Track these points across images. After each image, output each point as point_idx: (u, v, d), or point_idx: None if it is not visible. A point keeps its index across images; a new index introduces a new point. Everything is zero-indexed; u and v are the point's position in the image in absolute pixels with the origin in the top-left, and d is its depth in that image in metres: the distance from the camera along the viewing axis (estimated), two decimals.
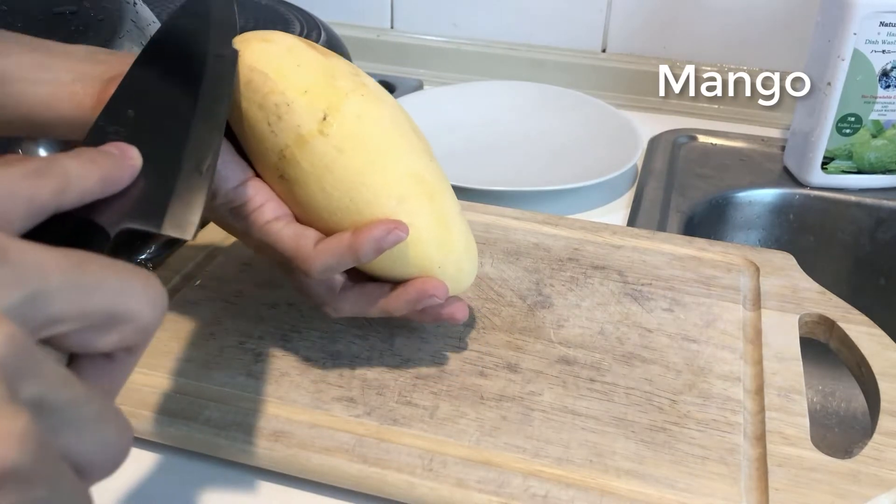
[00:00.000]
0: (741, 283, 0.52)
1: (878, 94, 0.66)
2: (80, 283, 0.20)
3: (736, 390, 0.43)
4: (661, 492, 0.37)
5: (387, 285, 0.40)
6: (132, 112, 0.33)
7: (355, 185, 0.37)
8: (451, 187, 0.41)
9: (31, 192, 0.24)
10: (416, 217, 0.38)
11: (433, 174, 0.40)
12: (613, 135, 0.77)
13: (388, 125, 0.39)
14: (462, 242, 0.41)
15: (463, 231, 0.41)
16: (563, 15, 0.90)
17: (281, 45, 0.39)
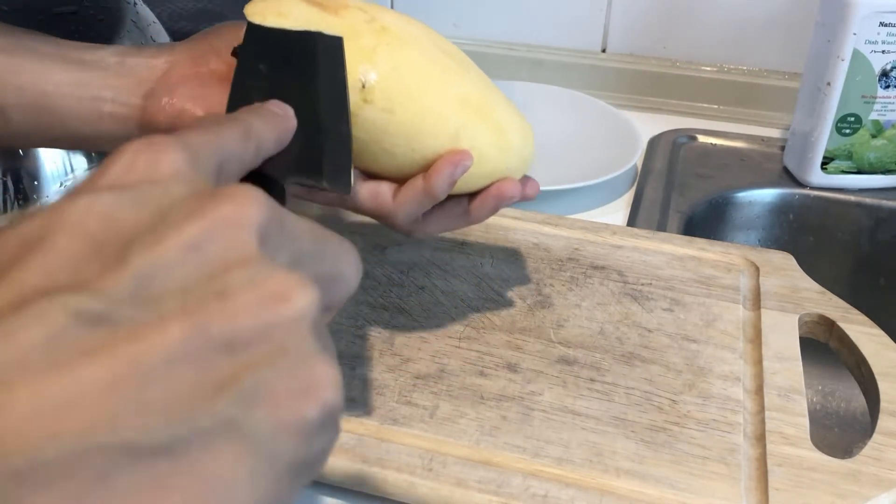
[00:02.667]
0: (741, 283, 0.52)
1: (878, 94, 0.66)
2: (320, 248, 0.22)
3: (736, 390, 0.43)
4: (661, 492, 0.37)
5: (464, 198, 0.41)
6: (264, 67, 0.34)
7: (413, 136, 0.38)
8: (490, 83, 0.42)
9: (241, 153, 0.25)
10: (475, 139, 0.39)
11: (475, 86, 0.40)
12: (613, 135, 0.77)
13: (423, 63, 0.39)
14: (518, 136, 0.41)
15: (515, 124, 0.42)
16: (563, 15, 0.90)
17: (298, 19, 0.38)
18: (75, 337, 0.16)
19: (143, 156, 0.21)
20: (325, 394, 0.18)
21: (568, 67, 0.90)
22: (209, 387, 0.17)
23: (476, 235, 0.57)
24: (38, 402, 0.15)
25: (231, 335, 0.17)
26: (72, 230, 0.18)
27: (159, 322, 0.17)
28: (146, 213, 0.19)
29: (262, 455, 0.17)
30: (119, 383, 0.16)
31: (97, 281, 0.17)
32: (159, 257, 0.18)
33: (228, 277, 0.18)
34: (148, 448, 0.16)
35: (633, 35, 0.89)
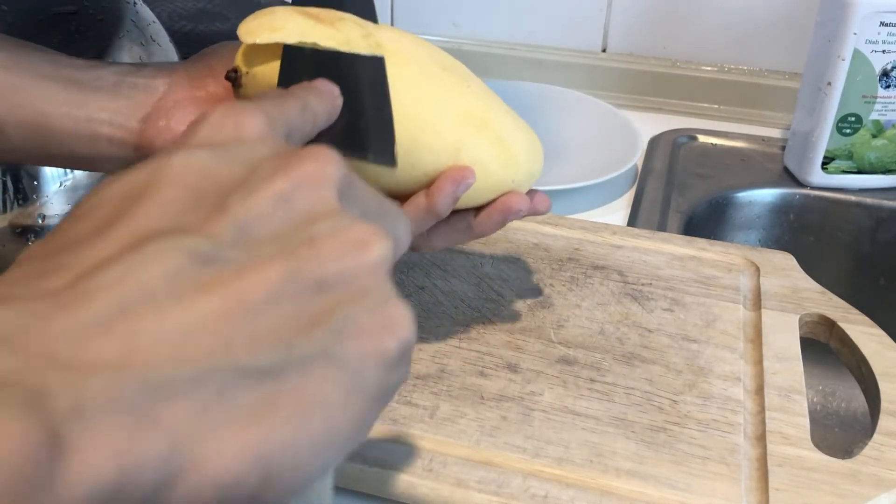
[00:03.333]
0: (741, 283, 0.52)
1: (878, 94, 0.66)
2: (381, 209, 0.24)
3: (736, 390, 0.43)
4: (662, 492, 0.37)
5: (469, 212, 0.41)
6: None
7: (412, 152, 0.38)
8: (491, 94, 0.41)
9: (302, 125, 0.27)
10: (476, 153, 0.39)
11: (476, 101, 0.40)
12: (613, 135, 0.77)
13: (420, 79, 0.38)
14: (523, 149, 0.41)
15: (519, 137, 0.41)
16: (563, 15, 0.90)
17: (291, 33, 0.37)
18: (190, 274, 0.18)
19: (230, 118, 0.23)
20: (403, 330, 0.20)
21: (568, 67, 0.90)
22: (305, 321, 0.19)
23: None
24: (164, 329, 0.17)
25: (321, 277, 0.20)
26: (173, 182, 0.20)
27: (260, 264, 0.19)
28: (237, 168, 0.21)
29: (352, 381, 0.19)
30: (231, 315, 0.18)
31: (203, 226, 0.19)
32: (254, 207, 0.20)
33: (315, 227, 0.20)
34: (257, 371, 0.18)
35: (633, 35, 0.89)
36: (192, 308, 0.18)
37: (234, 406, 0.17)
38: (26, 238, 0.52)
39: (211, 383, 0.17)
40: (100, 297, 0.17)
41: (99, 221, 0.20)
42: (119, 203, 0.20)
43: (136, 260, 0.18)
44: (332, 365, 0.19)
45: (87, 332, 0.17)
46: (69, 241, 0.19)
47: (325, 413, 0.18)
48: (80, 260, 0.18)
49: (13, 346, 0.16)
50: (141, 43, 0.57)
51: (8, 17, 0.54)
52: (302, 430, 0.18)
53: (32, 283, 0.18)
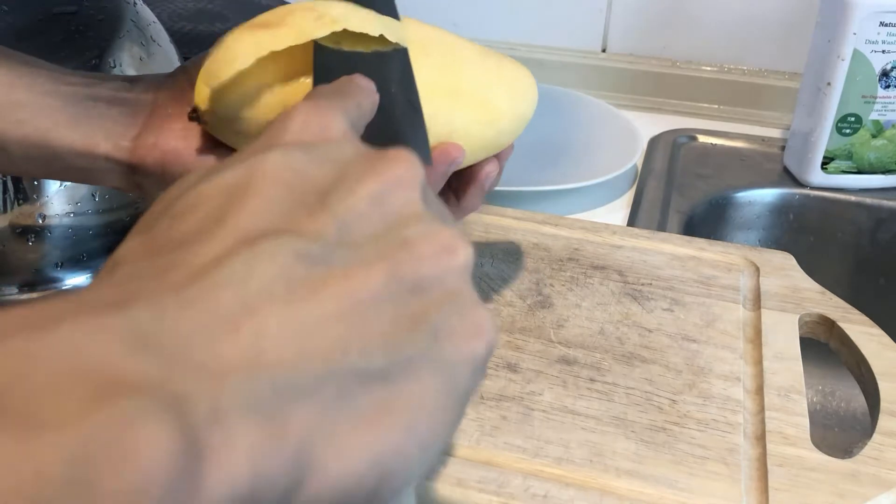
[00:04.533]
0: (741, 283, 0.52)
1: (878, 94, 0.66)
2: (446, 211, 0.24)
3: (736, 390, 0.43)
4: (661, 492, 0.37)
5: (450, 195, 0.41)
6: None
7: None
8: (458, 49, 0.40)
9: (358, 122, 0.27)
10: (452, 123, 0.38)
11: (435, 69, 0.38)
12: (613, 135, 0.77)
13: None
14: (505, 98, 0.40)
15: (498, 85, 0.40)
16: (563, 15, 0.90)
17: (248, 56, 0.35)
18: (302, 274, 0.18)
19: (315, 118, 0.23)
20: (490, 333, 0.21)
21: (568, 67, 0.90)
22: (406, 322, 0.19)
23: (476, 235, 0.57)
24: (286, 329, 0.17)
25: (417, 279, 0.20)
26: (273, 180, 0.20)
27: (365, 265, 0.19)
28: (329, 168, 0.21)
29: (450, 383, 0.20)
30: (343, 316, 0.18)
31: (308, 226, 0.19)
32: (352, 207, 0.20)
33: (407, 229, 0.21)
34: (370, 373, 0.18)
35: (633, 35, 0.89)
36: (308, 308, 0.18)
37: (353, 408, 0.18)
38: (26, 238, 0.52)
39: (331, 385, 0.17)
40: (221, 296, 0.17)
41: (204, 218, 0.19)
42: (221, 200, 0.20)
43: (252, 258, 0.18)
44: (432, 367, 0.19)
45: (216, 330, 0.17)
46: (176, 238, 0.19)
47: (429, 415, 0.19)
48: (194, 257, 0.18)
49: (150, 348, 0.16)
50: (141, 43, 0.57)
51: (8, 17, 0.54)
52: (412, 432, 0.18)
53: (152, 280, 0.18)
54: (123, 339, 0.16)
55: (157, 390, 0.15)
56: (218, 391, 0.16)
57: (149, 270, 0.18)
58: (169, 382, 0.15)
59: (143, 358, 0.16)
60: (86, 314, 0.16)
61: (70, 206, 0.52)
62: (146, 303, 0.17)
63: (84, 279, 0.53)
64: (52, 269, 0.53)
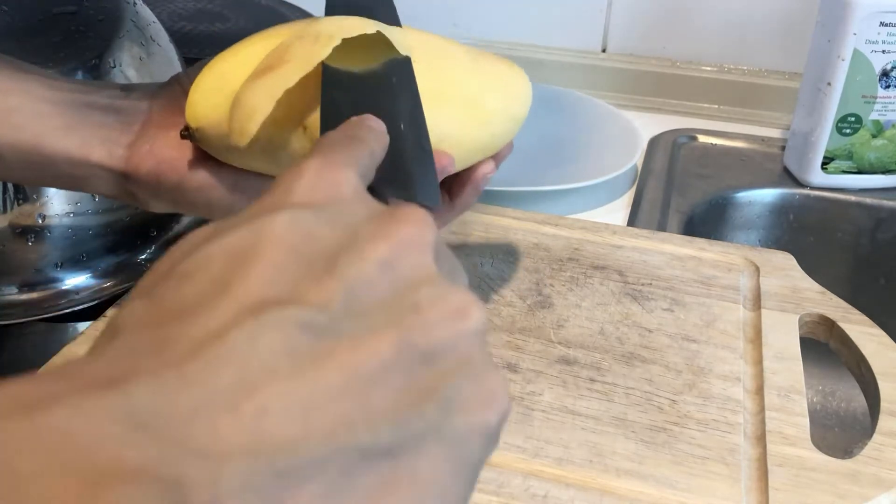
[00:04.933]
0: (741, 283, 0.52)
1: (878, 94, 0.66)
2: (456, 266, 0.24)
3: (736, 390, 0.43)
4: (661, 492, 0.37)
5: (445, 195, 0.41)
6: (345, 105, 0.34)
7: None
8: (443, 52, 0.39)
9: (369, 169, 0.26)
10: (441, 130, 0.37)
11: (427, 73, 0.38)
12: (613, 135, 0.77)
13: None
14: (497, 99, 0.40)
15: (489, 90, 0.40)
16: (563, 15, 0.90)
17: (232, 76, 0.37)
18: (306, 347, 0.18)
19: (326, 176, 0.23)
20: (502, 402, 0.20)
21: (568, 67, 0.90)
22: (416, 395, 0.19)
23: (476, 235, 0.57)
24: (288, 407, 0.17)
25: (428, 347, 0.19)
26: (279, 244, 0.20)
27: (373, 334, 0.19)
28: (339, 230, 0.21)
29: (460, 457, 0.19)
30: (349, 390, 0.18)
31: (314, 294, 0.19)
32: (361, 273, 0.20)
33: (418, 294, 0.20)
34: (377, 450, 0.17)
35: (633, 35, 0.89)
36: (311, 383, 0.17)
37: (358, 488, 0.17)
38: (26, 238, 0.52)
39: (334, 465, 0.17)
40: (222, 372, 0.17)
41: (207, 285, 0.19)
42: (226, 265, 0.19)
43: (254, 331, 0.17)
44: (442, 442, 0.19)
45: (216, 411, 0.16)
46: (178, 306, 0.19)
47: (438, 491, 0.18)
48: (195, 330, 0.18)
49: (149, 430, 0.15)
50: (141, 43, 0.57)
51: (8, 17, 0.54)
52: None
53: (151, 355, 0.17)
54: (120, 421, 0.15)
55: (155, 476, 0.15)
56: (217, 476, 0.15)
57: (149, 343, 0.18)
58: (167, 467, 0.15)
59: (140, 441, 0.15)
60: (81, 394, 0.15)
61: (70, 206, 0.52)
62: (145, 381, 0.16)
63: (84, 279, 0.53)
64: (52, 269, 0.53)
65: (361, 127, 0.28)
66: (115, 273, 0.54)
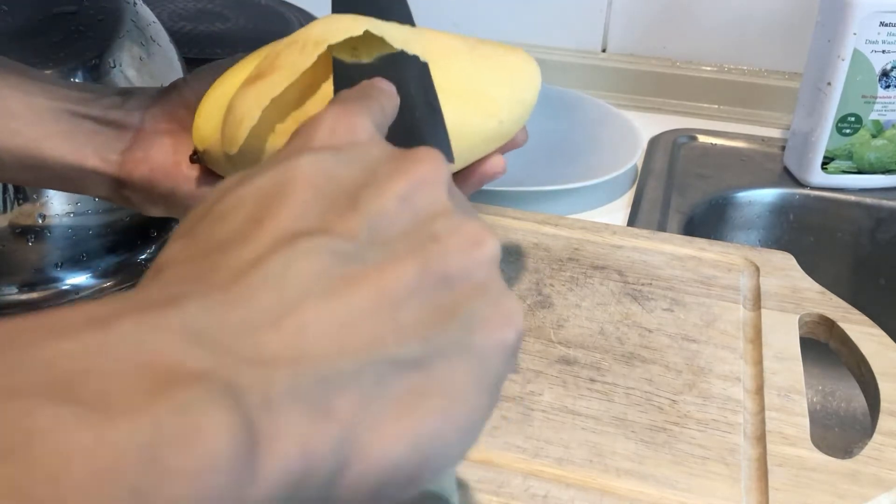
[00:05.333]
0: (741, 283, 0.52)
1: (878, 94, 0.66)
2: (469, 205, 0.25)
3: (736, 390, 0.43)
4: (661, 492, 0.37)
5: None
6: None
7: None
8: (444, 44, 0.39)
9: (383, 127, 0.28)
10: (449, 122, 0.37)
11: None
12: (613, 135, 0.77)
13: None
14: (503, 86, 0.40)
15: (493, 76, 0.40)
16: (563, 15, 0.90)
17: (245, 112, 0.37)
18: (336, 271, 0.19)
19: (342, 121, 0.24)
20: (518, 322, 0.22)
21: (568, 67, 0.90)
22: (439, 313, 0.20)
23: None
24: (324, 323, 0.19)
25: (447, 272, 0.21)
26: (305, 183, 0.21)
27: (396, 260, 0.20)
28: (358, 170, 0.23)
29: (482, 370, 0.21)
30: (379, 309, 0.19)
31: (341, 226, 0.21)
32: (382, 208, 0.21)
33: (435, 225, 0.22)
34: (406, 362, 0.19)
35: (633, 35, 0.89)
36: (344, 303, 0.19)
37: (390, 396, 0.19)
38: (26, 238, 0.52)
39: (369, 374, 0.18)
40: (263, 293, 0.18)
41: (241, 222, 0.21)
42: (257, 204, 0.21)
43: (289, 258, 0.19)
44: (465, 355, 0.20)
45: (260, 327, 0.18)
46: (217, 241, 0.20)
47: (464, 400, 0.20)
48: (235, 260, 0.19)
49: (203, 342, 0.17)
50: (141, 43, 0.57)
51: (8, 17, 0.54)
52: (448, 416, 0.19)
53: (198, 281, 0.19)
54: (179, 334, 0.17)
55: (213, 380, 0.16)
56: (267, 382, 0.17)
57: (194, 272, 0.19)
58: (223, 373, 0.17)
59: (198, 351, 0.17)
60: (143, 311, 0.17)
61: (70, 206, 0.52)
62: (196, 300, 0.18)
63: (84, 279, 0.54)
64: (52, 269, 0.53)
65: (373, 87, 0.29)
66: (115, 273, 0.54)
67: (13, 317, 0.17)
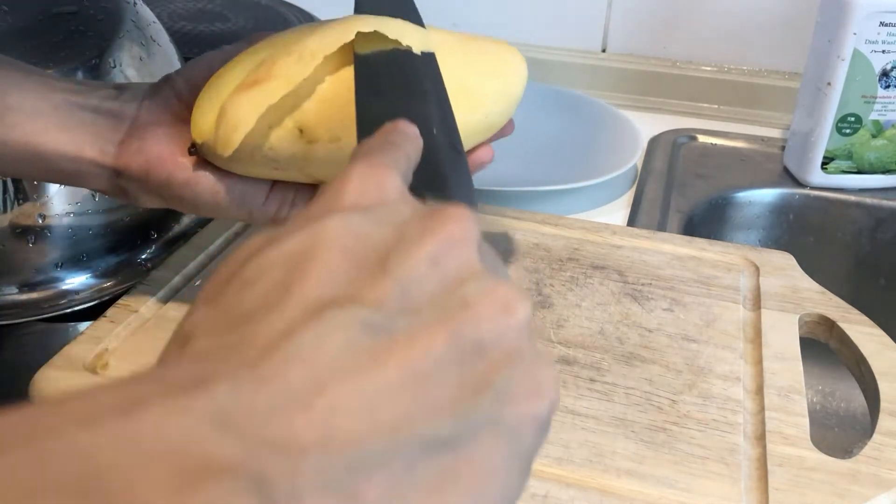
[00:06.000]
0: (741, 283, 0.52)
1: (878, 94, 0.66)
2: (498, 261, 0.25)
3: (736, 390, 0.43)
4: (661, 492, 0.37)
5: None
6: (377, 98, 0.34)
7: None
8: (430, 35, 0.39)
9: (408, 173, 0.27)
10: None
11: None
12: (613, 135, 0.77)
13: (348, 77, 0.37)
14: (488, 80, 0.40)
15: (478, 70, 0.40)
16: (563, 15, 0.90)
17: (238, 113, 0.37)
18: (366, 345, 0.19)
19: (371, 179, 0.24)
20: (551, 392, 0.21)
21: (568, 67, 0.90)
22: (470, 387, 0.19)
23: None
24: (354, 403, 0.18)
25: (477, 341, 0.20)
26: (333, 247, 0.21)
27: (426, 330, 0.19)
28: (387, 231, 0.22)
29: (514, 447, 0.20)
30: (408, 385, 0.18)
31: (370, 294, 0.20)
32: (412, 271, 0.21)
33: (465, 289, 0.21)
34: (437, 442, 0.18)
35: (633, 35, 0.89)
36: (374, 380, 0.18)
37: (420, 479, 0.18)
38: (26, 238, 0.52)
39: (399, 457, 0.18)
40: (292, 371, 0.18)
41: (269, 289, 0.20)
42: (286, 269, 0.20)
43: (318, 331, 0.18)
44: (497, 432, 0.20)
45: (291, 409, 0.17)
46: (244, 310, 0.20)
47: (496, 480, 0.19)
48: (264, 330, 0.19)
49: (231, 428, 0.16)
50: (141, 43, 0.57)
51: (8, 18, 0.54)
52: (481, 498, 0.19)
53: (226, 357, 0.18)
54: (207, 420, 0.16)
55: (241, 472, 0.16)
56: (295, 470, 0.16)
57: (221, 346, 0.19)
58: (251, 463, 0.16)
59: (226, 438, 0.16)
60: (170, 396, 0.17)
61: (70, 206, 0.52)
62: (224, 381, 0.17)
63: (84, 279, 0.54)
64: (52, 269, 0.53)
65: (396, 132, 0.29)
66: (115, 273, 0.54)
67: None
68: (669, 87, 0.87)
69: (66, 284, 0.53)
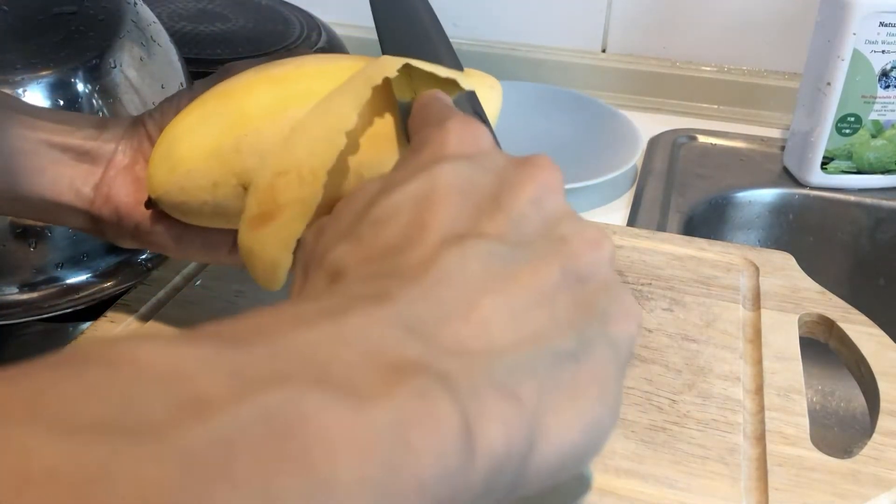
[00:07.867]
0: (741, 282, 0.52)
1: (878, 94, 0.66)
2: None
3: (736, 390, 0.43)
4: (661, 491, 0.37)
5: None
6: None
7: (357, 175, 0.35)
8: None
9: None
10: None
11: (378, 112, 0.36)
12: (613, 135, 0.77)
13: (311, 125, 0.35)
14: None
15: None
16: (563, 15, 0.90)
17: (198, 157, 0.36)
18: (499, 269, 0.21)
19: (467, 131, 0.26)
20: (639, 315, 0.24)
21: (568, 67, 0.90)
22: (583, 308, 0.23)
23: None
24: (502, 318, 0.20)
25: (578, 270, 0.23)
26: (452, 189, 0.23)
27: (543, 260, 0.22)
28: (491, 177, 0.24)
29: (618, 358, 0.23)
30: (540, 304, 0.21)
31: (491, 228, 0.23)
32: (520, 210, 0.23)
33: (562, 227, 0.24)
34: (565, 353, 0.21)
35: (633, 35, 0.89)
36: (512, 298, 0.21)
37: (560, 384, 0.20)
38: (26, 238, 0.52)
39: (541, 364, 0.20)
40: (447, 289, 0.20)
41: (405, 226, 0.23)
42: (414, 209, 0.23)
43: (461, 257, 0.21)
44: (606, 346, 0.22)
45: (455, 320, 0.20)
46: (387, 245, 0.22)
47: (610, 385, 0.22)
48: (414, 259, 0.21)
49: (416, 334, 0.19)
50: (141, 43, 0.57)
51: (8, 18, 0.54)
52: (604, 402, 0.21)
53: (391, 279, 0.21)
54: (396, 327, 0.19)
55: (430, 370, 0.18)
56: (470, 370, 0.19)
57: (381, 272, 0.21)
58: (436, 363, 0.18)
59: (414, 342, 0.19)
60: (363, 305, 0.19)
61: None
62: (402, 296, 0.20)
63: (84, 279, 0.54)
64: (52, 269, 0.53)
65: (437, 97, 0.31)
66: (115, 273, 0.54)
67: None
68: (669, 87, 0.87)
69: (66, 284, 0.53)
